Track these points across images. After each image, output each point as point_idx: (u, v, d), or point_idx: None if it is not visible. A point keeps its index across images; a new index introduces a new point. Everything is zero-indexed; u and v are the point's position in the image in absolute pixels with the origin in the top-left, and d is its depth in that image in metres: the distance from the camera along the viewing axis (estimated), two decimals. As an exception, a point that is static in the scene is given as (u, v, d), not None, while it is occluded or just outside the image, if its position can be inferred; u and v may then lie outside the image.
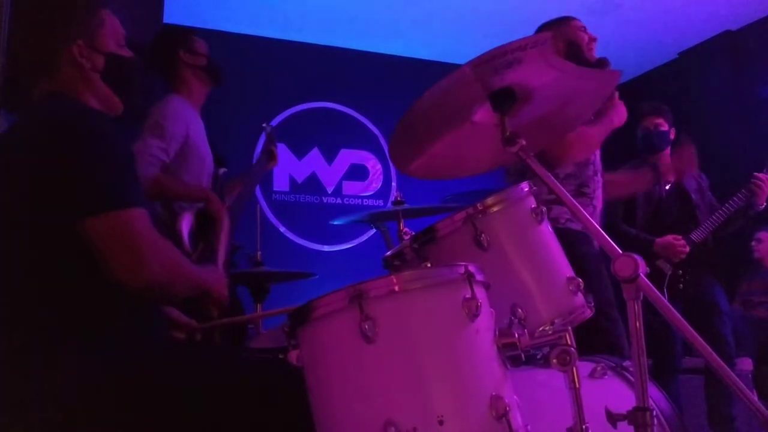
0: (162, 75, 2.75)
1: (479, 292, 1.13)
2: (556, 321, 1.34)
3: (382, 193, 5.65)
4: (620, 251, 1.22)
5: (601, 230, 1.32)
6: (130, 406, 1.28)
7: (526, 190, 1.46)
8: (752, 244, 4.64)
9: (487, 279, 1.18)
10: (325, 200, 5.48)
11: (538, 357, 1.59)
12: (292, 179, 5.39)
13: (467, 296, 1.10)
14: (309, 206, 5.40)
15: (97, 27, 1.54)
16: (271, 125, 3.23)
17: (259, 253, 2.94)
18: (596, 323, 1.55)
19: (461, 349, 1.08)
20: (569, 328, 1.26)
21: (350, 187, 5.59)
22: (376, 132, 5.73)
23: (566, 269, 1.44)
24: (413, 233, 1.45)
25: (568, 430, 1.22)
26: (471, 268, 1.13)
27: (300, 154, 5.43)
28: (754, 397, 1.22)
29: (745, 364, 3.74)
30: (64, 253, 1.34)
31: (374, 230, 3.20)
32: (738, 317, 3.98)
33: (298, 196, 5.40)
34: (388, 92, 5.31)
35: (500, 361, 1.12)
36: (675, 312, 1.22)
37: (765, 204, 3.44)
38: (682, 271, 3.43)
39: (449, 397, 1.04)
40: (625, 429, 1.17)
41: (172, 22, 4.02)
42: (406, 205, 2.81)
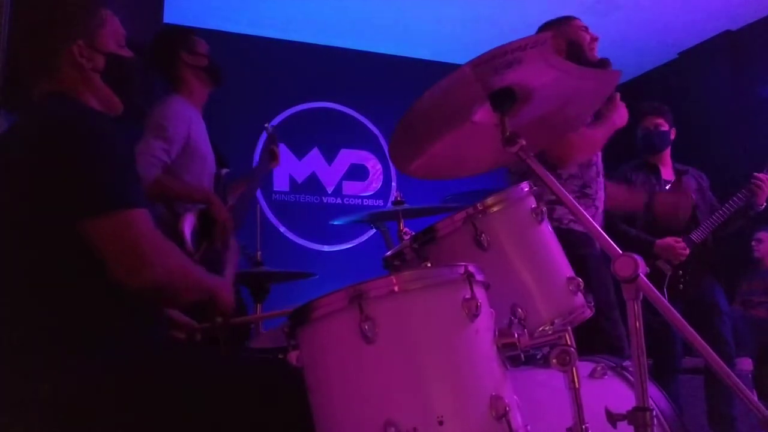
0: (163, 76, 2.75)
1: (479, 293, 1.13)
2: (556, 321, 1.34)
3: (382, 193, 5.65)
4: (620, 251, 1.22)
5: (602, 231, 1.32)
6: (130, 406, 1.28)
7: (526, 190, 1.46)
8: (752, 243, 4.64)
9: (487, 279, 1.18)
10: (325, 200, 5.48)
11: (538, 357, 1.59)
12: (292, 179, 5.39)
13: (467, 296, 1.10)
14: (309, 206, 5.40)
15: (98, 27, 1.54)
16: (272, 126, 3.24)
17: (259, 253, 2.94)
18: (596, 323, 1.55)
19: (461, 349, 1.09)
20: (569, 328, 1.26)
21: (350, 187, 5.59)
22: (376, 132, 5.73)
23: (566, 269, 1.44)
24: (413, 233, 1.45)
25: (568, 430, 1.22)
26: (471, 268, 1.13)
27: (300, 154, 5.43)
28: (754, 397, 1.22)
29: (745, 364, 3.73)
30: (64, 254, 1.34)
31: (374, 230, 3.20)
32: (738, 317, 3.97)
33: (298, 196, 5.40)
34: (388, 92, 5.31)
35: (500, 361, 1.12)
36: (675, 312, 1.22)
37: (765, 204, 3.44)
38: (682, 272, 3.43)
39: (449, 398, 1.05)
40: (625, 429, 1.17)
41: (172, 22, 4.02)
42: (406, 205, 2.81)
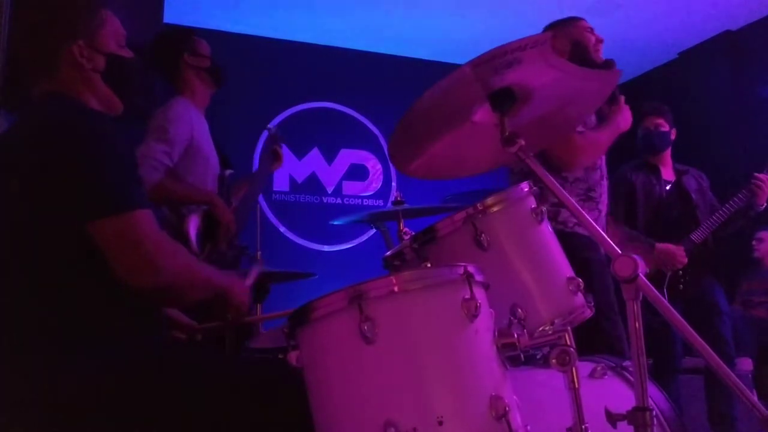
0: (165, 77, 2.75)
1: (478, 293, 1.13)
2: (556, 321, 1.34)
3: (382, 193, 5.65)
4: (620, 251, 1.22)
5: (602, 231, 1.32)
6: (130, 406, 1.28)
7: (526, 190, 1.46)
8: (753, 243, 4.64)
9: (486, 279, 1.18)
10: (325, 200, 5.48)
11: (538, 357, 1.59)
12: (292, 179, 5.39)
13: (466, 297, 1.10)
14: (309, 206, 5.40)
15: (98, 27, 1.54)
16: (274, 127, 3.24)
17: (259, 253, 2.94)
18: (596, 323, 1.55)
19: (461, 349, 1.09)
20: (569, 328, 1.26)
21: (350, 187, 5.59)
22: (376, 132, 5.73)
23: (566, 269, 1.44)
24: (413, 233, 1.45)
25: (568, 430, 1.22)
26: (470, 269, 1.13)
27: (300, 154, 5.43)
28: (754, 397, 1.22)
29: (745, 364, 3.73)
30: (64, 254, 1.34)
31: (374, 230, 3.20)
32: (738, 317, 3.97)
33: (298, 196, 5.40)
34: (388, 92, 5.31)
35: (500, 361, 1.12)
36: (675, 312, 1.22)
37: (765, 204, 3.44)
38: (682, 272, 3.43)
39: (449, 398, 1.05)
40: (625, 429, 1.17)
41: (173, 22, 4.02)
42: (406, 205, 2.80)
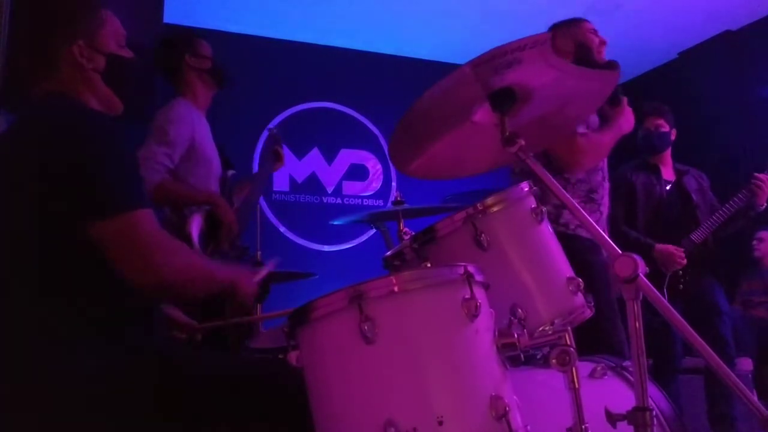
0: (167, 79, 2.76)
1: (478, 293, 1.13)
2: (556, 321, 1.34)
3: (382, 193, 5.65)
4: (620, 251, 1.22)
5: (601, 230, 1.32)
6: (130, 406, 1.28)
7: (526, 190, 1.46)
8: (753, 243, 4.64)
9: (486, 279, 1.18)
10: (325, 200, 5.48)
11: (538, 357, 1.59)
12: (292, 179, 5.39)
13: (466, 296, 1.10)
14: (309, 206, 5.40)
15: (98, 27, 1.54)
16: (275, 127, 3.25)
17: (259, 253, 2.94)
18: (596, 323, 1.55)
19: (461, 349, 1.09)
20: (569, 328, 1.26)
21: (350, 187, 5.59)
22: (376, 132, 5.73)
23: (566, 269, 1.44)
24: (413, 233, 1.45)
25: (568, 430, 1.22)
26: (470, 269, 1.13)
27: (300, 154, 5.43)
28: (754, 397, 1.22)
29: (745, 364, 3.73)
30: (64, 254, 1.34)
31: (374, 230, 3.20)
32: (738, 317, 3.98)
33: (298, 196, 5.40)
34: (388, 92, 5.31)
35: (500, 361, 1.12)
36: (675, 312, 1.22)
37: (765, 204, 3.44)
38: (682, 272, 3.43)
39: (449, 398, 1.05)
40: (625, 429, 1.17)
41: (173, 22, 4.02)
42: (406, 205, 2.81)
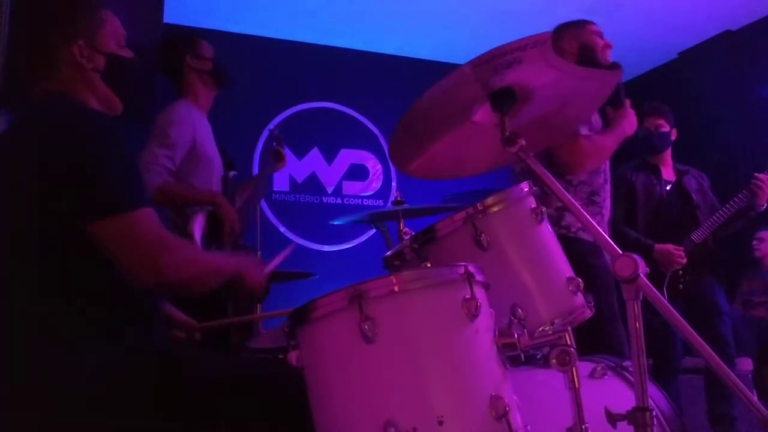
0: (168, 80, 2.76)
1: (479, 293, 1.13)
2: (556, 321, 1.34)
3: (382, 193, 5.65)
4: (620, 251, 1.22)
5: (601, 230, 1.32)
6: (130, 407, 1.28)
7: (526, 190, 1.45)
8: (753, 243, 4.64)
9: (486, 279, 1.18)
10: (325, 200, 5.48)
11: (538, 357, 1.59)
12: (292, 179, 5.39)
13: (467, 296, 1.10)
14: (309, 206, 5.40)
15: (98, 27, 1.54)
16: (276, 128, 3.25)
17: (259, 253, 2.94)
18: (596, 324, 1.55)
19: (461, 349, 1.09)
20: (569, 328, 1.26)
21: (350, 187, 5.59)
22: (376, 132, 5.73)
23: (566, 269, 1.44)
24: (413, 233, 1.45)
25: (568, 430, 1.22)
26: (471, 269, 1.13)
27: (300, 154, 5.43)
28: (754, 397, 1.22)
29: (745, 364, 3.73)
30: (64, 253, 1.34)
31: (374, 230, 3.20)
32: (738, 317, 3.97)
33: (298, 196, 5.40)
34: (388, 92, 5.31)
35: (500, 361, 1.12)
36: (675, 312, 1.22)
37: (765, 204, 3.44)
38: (682, 272, 3.44)
39: (449, 398, 1.05)
40: (625, 429, 1.17)
41: (173, 22, 4.02)
42: (406, 205, 2.80)
